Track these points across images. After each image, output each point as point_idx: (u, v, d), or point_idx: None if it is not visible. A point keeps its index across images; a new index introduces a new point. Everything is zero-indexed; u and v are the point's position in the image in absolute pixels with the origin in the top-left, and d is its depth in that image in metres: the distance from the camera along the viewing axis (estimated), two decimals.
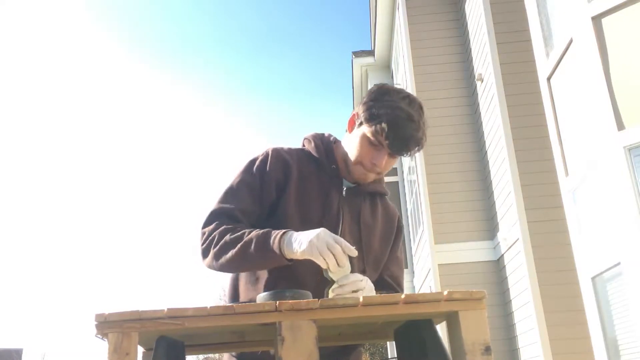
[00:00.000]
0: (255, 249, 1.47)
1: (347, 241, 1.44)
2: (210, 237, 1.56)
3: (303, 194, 1.63)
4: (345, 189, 1.67)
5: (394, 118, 1.54)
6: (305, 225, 1.55)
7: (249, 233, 1.51)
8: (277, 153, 1.68)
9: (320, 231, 1.40)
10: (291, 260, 1.45)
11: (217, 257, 1.53)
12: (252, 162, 1.68)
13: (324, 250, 1.36)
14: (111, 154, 62.00)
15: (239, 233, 1.52)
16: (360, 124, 1.62)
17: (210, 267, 1.58)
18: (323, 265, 1.39)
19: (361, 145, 1.60)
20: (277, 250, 1.44)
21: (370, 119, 1.57)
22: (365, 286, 1.43)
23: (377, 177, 1.67)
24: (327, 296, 1.43)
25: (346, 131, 1.70)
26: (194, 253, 1.66)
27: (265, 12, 62.54)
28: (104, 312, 1.10)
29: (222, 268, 1.56)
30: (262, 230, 1.50)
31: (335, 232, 1.58)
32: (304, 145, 1.76)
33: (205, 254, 1.57)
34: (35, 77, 57.40)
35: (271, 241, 1.46)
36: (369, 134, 1.58)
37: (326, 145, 1.72)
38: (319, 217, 1.61)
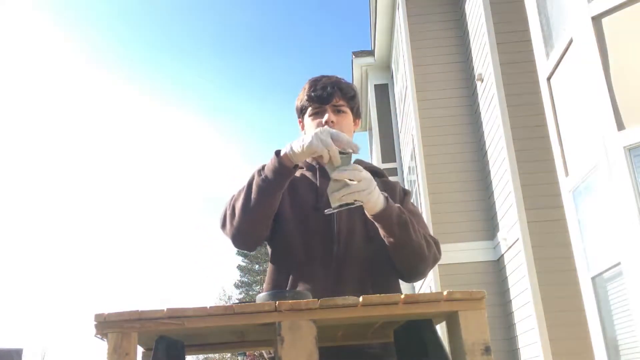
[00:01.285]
0: (260, 178, 1.58)
1: (345, 218, 1.65)
2: (224, 210, 1.67)
3: (294, 188, 1.75)
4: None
5: (309, 81, 1.82)
6: (298, 211, 1.70)
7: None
8: None
9: (319, 130, 1.52)
10: (296, 166, 1.57)
11: (232, 214, 1.63)
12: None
13: (327, 142, 1.47)
14: (113, 155, 62.00)
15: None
16: (302, 117, 1.84)
17: (233, 231, 1.63)
18: (325, 158, 1.48)
19: (311, 123, 1.78)
20: (276, 164, 1.55)
21: (299, 104, 1.83)
22: (365, 177, 1.50)
23: None
24: (331, 181, 1.51)
25: None
26: (221, 232, 1.69)
27: (264, 12, 62.55)
28: (104, 312, 1.10)
29: (242, 219, 1.60)
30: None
31: (330, 213, 1.67)
32: None
33: (224, 224, 1.66)
34: (36, 78, 57.39)
35: (270, 162, 1.58)
36: (307, 111, 1.80)
37: None
38: (313, 202, 1.71)
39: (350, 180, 1.49)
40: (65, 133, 59.67)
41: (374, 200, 1.53)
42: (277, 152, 1.57)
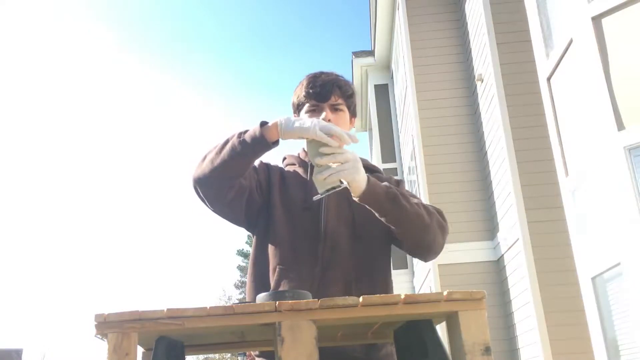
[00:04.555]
0: (238, 140, 1.55)
1: (333, 215, 1.66)
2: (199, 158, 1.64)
3: (285, 184, 1.75)
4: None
5: (308, 78, 1.79)
6: (287, 208, 1.70)
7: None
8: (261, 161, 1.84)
9: (320, 121, 1.52)
10: (276, 142, 1.54)
11: (201, 162, 1.60)
12: None
13: (322, 136, 1.47)
14: (112, 155, 62.05)
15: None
16: (298, 113, 1.81)
17: (195, 178, 1.61)
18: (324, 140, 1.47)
19: None
20: (258, 134, 1.52)
21: (296, 100, 1.80)
22: (348, 158, 1.49)
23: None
24: (314, 167, 1.50)
25: None
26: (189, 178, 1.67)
27: (264, 13, 62.59)
28: (104, 313, 1.10)
29: (206, 171, 1.58)
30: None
31: (318, 210, 1.68)
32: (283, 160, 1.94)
33: (193, 170, 1.63)
34: (34, 77, 57.42)
35: (252, 130, 1.55)
36: (304, 108, 1.77)
37: (299, 152, 1.90)
38: (301, 200, 1.70)
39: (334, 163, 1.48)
40: (63, 133, 59.73)
41: (359, 179, 1.51)
42: (262, 124, 1.54)
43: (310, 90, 1.74)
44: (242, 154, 1.54)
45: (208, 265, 58.97)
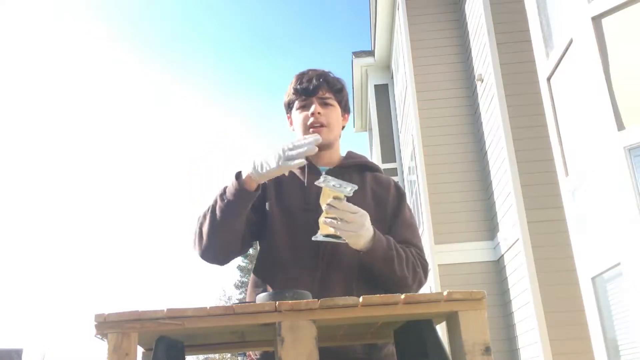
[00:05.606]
0: (222, 202, 1.58)
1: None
2: (193, 231, 1.68)
3: (280, 186, 1.74)
4: (324, 172, 1.73)
5: (296, 76, 1.80)
6: (285, 210, 1.69)
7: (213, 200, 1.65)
8: None
9: (279, 150, 1.52)
10: (258, 189, 1.57)
11: (200, 237, 1.63)
12: None
13: (288, 164, 1.49)
14: (112, 154, 62.04)
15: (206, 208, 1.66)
16: (290, 112, 1.82)
17: (201, 253, 1.65)
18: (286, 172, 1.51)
19: (298, 116, 1.77)
20: (237, 186, 1.55)
21: (286, 99, 1.82)
22: (356, 220, 1.48)
23: (328, 132, 1.74)
24: (320, 224, 1.51)
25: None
26: (192, 251, 1.71)
27: (264, 13, 62.59)
28: (104, 313, 1.10)
29: (209, 242, 1.61)
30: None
31: (318, 211, 1.65)
32: None
33: (193, 246, 1.67)
34: (35, 77, 57.42)
35: (231, 185, 1.58)
36: (294, 104, 1.78)
37: None
38: (300, 202, 1.70)
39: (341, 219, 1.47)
40: (63, 133, 59.72)
41: (359, 243, 1.52)
42: (238, 175, 1.57)
43: (298, 87, 1.76)
44: (232, 212, 1.57)
45: (208, 265, 58.91)
